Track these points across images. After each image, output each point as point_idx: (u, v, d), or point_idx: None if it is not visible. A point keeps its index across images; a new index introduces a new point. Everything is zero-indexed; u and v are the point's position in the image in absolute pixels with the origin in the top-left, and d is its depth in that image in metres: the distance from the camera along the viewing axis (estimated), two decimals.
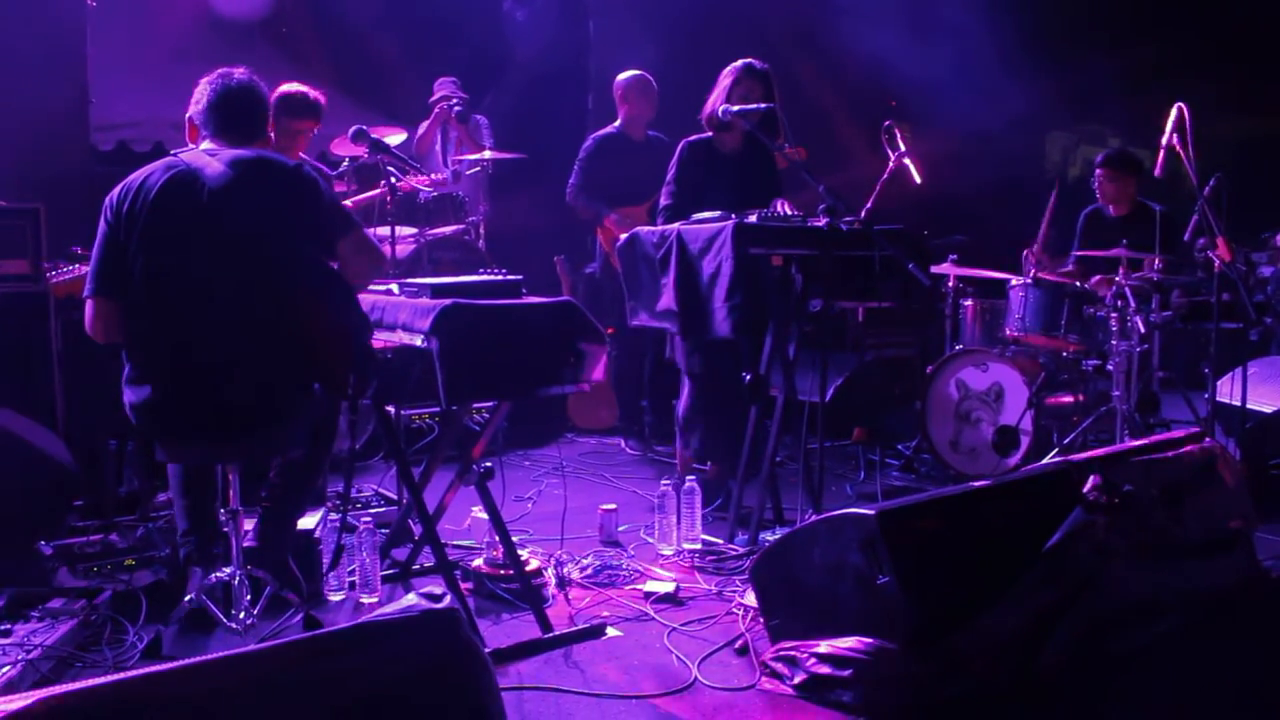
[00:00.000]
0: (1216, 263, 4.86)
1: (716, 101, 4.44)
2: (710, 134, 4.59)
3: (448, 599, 1.88)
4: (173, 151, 3.06)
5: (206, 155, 3.00)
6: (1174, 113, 4.75)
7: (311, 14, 7.56)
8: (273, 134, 3.28)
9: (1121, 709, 2.77)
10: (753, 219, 3.95)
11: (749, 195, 4.40)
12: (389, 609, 1.88)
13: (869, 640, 2.74)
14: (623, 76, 5.80)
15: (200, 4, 7.36)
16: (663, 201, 4.61)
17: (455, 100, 6.82)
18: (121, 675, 1.61)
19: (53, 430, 4.13)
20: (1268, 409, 4.85)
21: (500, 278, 3.28)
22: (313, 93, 4.34)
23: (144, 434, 3.06)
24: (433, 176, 5.94)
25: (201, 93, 3.13)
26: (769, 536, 4.00)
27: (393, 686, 1.77)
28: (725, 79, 4.45)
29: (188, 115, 3.15)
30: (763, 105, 4.28)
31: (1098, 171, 5.85)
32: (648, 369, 5.90)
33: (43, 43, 5.06)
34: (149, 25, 7.05)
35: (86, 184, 5.59)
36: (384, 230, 5.55)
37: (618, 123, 5.83)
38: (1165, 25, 9.32)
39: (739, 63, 4.45)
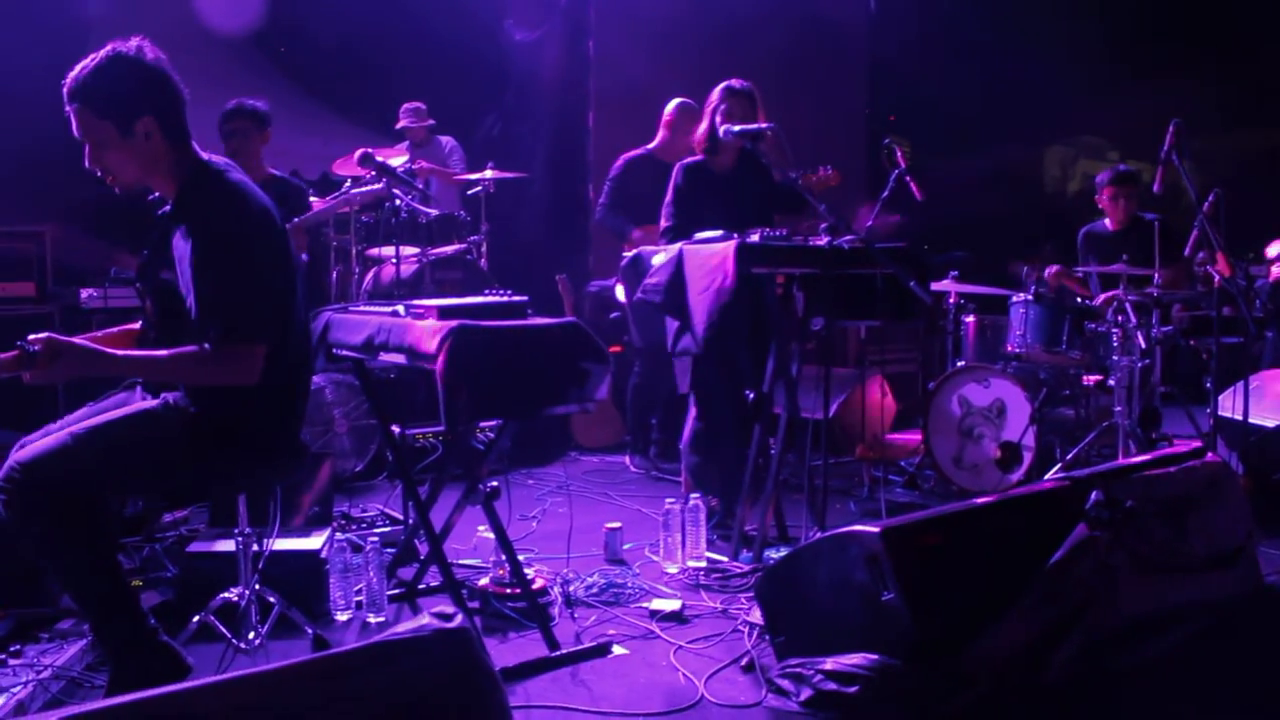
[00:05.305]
0: (1216, 277, 4.89)
1: (708, 124, 4.50)
2: (703, 156, 4.64)
3: (459, 618, 1.89)
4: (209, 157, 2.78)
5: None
6: (1171, 128, 4.81)
7: (311, 34, 7.59)
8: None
9: None
10: (755, 238, 3.98)
11: (745, 213, 4.44)
12: (400, 628, 1.89)
13: (874, 656, 2.75)
14: (672, 104, 5.86)
15: (200, 23, 7.42)
16: (663, 224, 4.66)
17: (414, 126, 7.03)
18: (139, 695, 1.62)
19: None
20: (1270, 423, 4.87)
21: (506, 299, 3.30)
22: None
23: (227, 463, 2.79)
24: (429, 200, 5.98)
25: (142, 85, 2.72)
26: (774, 554, 4.01)
27: (404, 706, 1.78)
28: (711, 102, 4.54)
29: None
30: (764, 125, 4.31)
31: (1106, 190, 5.88)
32: (664, 387, 5.92)
33: (49, 64, 5.09)
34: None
35: (93, 207, 5.61)
36: (388, 250, 5.58)
37: (653, 144, 5.88)
38: (1164, 39, 9.41)
39: (720, 85, 4.52)
